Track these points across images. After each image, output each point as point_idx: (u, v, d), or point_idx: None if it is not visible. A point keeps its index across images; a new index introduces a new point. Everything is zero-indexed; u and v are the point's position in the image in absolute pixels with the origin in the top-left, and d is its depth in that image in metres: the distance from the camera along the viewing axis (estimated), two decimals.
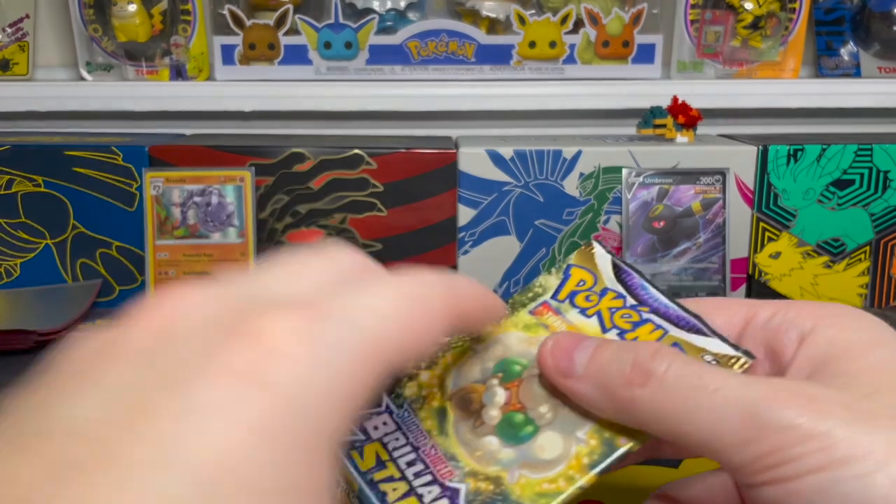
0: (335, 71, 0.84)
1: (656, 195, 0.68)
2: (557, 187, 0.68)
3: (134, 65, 0.84)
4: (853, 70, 0.86)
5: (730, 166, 0.68)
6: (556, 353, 0.26)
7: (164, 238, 0.67)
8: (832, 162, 0.68)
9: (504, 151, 0.67)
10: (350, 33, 0.83)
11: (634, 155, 0.68)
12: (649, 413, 0.24)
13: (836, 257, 0.70)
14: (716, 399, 0.23)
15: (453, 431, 0.27)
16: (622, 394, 0.24)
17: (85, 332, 0.21)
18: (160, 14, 0.82)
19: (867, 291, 0.70)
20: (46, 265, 0.69)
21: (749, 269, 0.70)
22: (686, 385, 0.24)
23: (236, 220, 0.67)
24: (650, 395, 0.24)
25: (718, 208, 0.68)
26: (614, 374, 0.25)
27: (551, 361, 0.26)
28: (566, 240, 0.69)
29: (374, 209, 0.68)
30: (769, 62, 0.85)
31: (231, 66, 0.83)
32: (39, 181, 0.68)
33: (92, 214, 0.68)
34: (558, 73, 0.84)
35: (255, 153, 0.68)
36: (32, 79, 0.86)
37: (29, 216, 0.68)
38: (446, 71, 0.84)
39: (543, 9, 0.84)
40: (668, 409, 0.24)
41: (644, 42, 0.84)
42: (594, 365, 0.25)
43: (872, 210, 0.69)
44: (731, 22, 0.84)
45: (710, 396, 0.23)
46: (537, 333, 0.29)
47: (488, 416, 0.27)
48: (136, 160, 0.67)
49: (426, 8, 0.85)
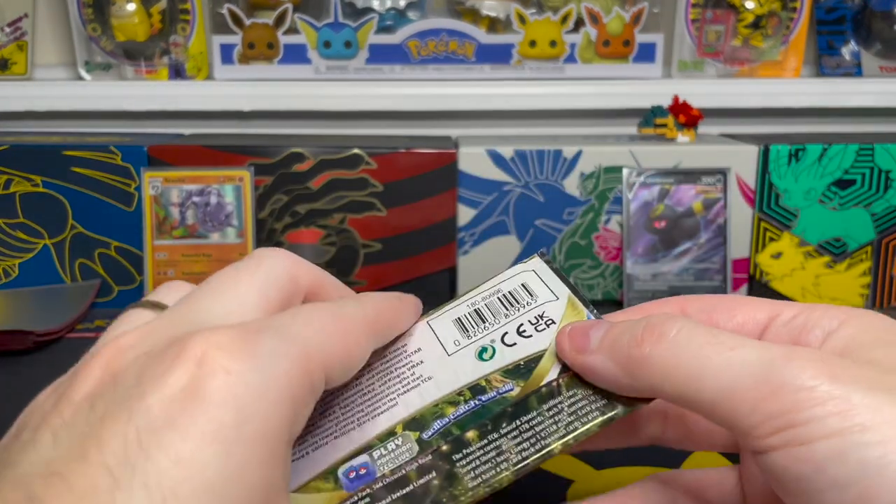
0: (335, 70, 0.83)
1: (657, 195, 0.68)
2: (558, 187, 0.68)
3: (133, 64, 0.84)
4: (854, 69, 0.86)
5: (731, 166, 0.68)
6: (573, 334, 0.28)
7: (162, 238, 0.66)
8: (833, 162, 0.68)
9: (504, 151, 0.67)
10: (350, 32, 0.82)
11: (635, 155, 0.68)
12: (659, 371, 0.24)
13: (838, 257, 0.69)
14: (732, 357, 0.23)
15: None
16: (634, 354, 0.25)
17: (44, 390, 0.23)
18: (159, 13, 0.82)
19: (868, 291, 0.70)
20: (45, 265, 0.69)
21: (750, 270, 0.70)
22: (699, 342, 0.23)
23: (235, 220, 0.67)
24: (661, 352, 0.24)
25: (719, 208, 0.68)
26: (626, 340, 0.25)
27: (568, 343, 0.28)
28: (566, 240, 0.69)
29: (373, 209, 0.68)
30: (770, 61, 0.85)
31: (230, 65, 0.83)
32: (38, 181, 0.67)
33: (91, 214, 0.68)
34: (559, 73, 0.84)
35: (255, 153, 0.67)
36: (31, 78, 0.86)
37: (27, 216, 0.68)
38: (446, 70, 0.84)
39: (544, 8, 0.84)
40: (681, 364, 0.23)
41: (645, 41, 0.83)
42: (608, 337, 0.26)
43: (874, 210, 0.68)
44: (732, 21, 0.84)
45: (725, 354, 0.23)
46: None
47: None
48: (135, 160, 0.67)
49: (426, 7, 0.85)
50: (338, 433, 0.29)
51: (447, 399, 0.29)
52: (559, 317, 0.30)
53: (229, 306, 0.24)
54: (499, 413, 0.28)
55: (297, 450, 0.28)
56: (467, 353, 0.30)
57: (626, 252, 0.67)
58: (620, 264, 0.68)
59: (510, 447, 0.27)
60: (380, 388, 0.30)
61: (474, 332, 0.31)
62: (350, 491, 0.27)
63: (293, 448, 0.26)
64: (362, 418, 0.29)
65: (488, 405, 0.28)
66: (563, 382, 0.28)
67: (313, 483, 0.28)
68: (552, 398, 0.28)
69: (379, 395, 0.30)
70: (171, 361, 0.21)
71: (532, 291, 0.32)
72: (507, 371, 0.29)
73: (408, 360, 0.31)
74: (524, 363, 0.29)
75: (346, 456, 0.28)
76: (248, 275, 0.25)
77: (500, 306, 0.32)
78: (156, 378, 0.20)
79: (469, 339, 0.31)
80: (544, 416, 0.28)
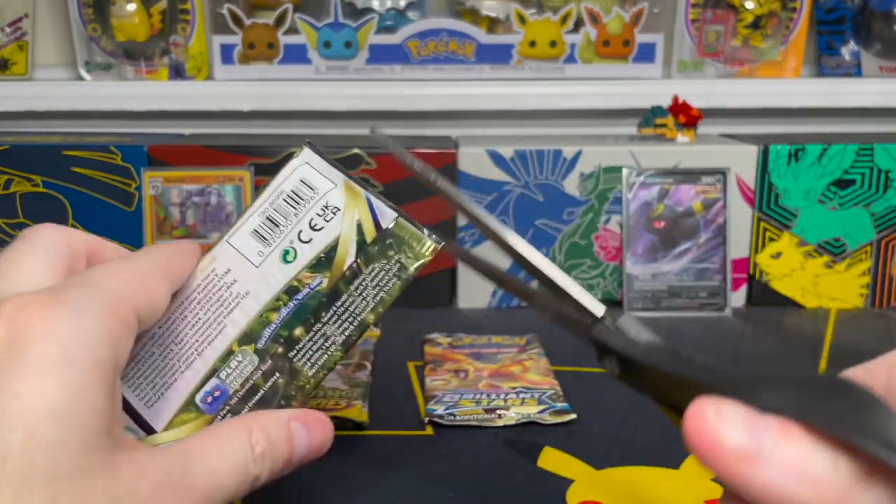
0: (335, 70, 0.83)
1: (657, 195, 0.68)
2: (558, 187, 0.68)
3: (133, 64, 0.84)
4: (854, 69, 0.86)
5: (731, 166, 0.68)
6: (710, 429, 0.18)
7: (162, 238, 0.66)
8: (833, 161, 0.68)
9: (504, 151, 0.67)
10: (350, 32, 0.82)
11: (635, 155, 0.68)
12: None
13: (838, 257, 0.69)
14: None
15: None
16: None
17: None
18: (159, 13, 0.82)
19: (868, 291, 0.70)
20: None
21: (750, 270, 0.70)
22: None
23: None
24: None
25: (719, 208, 0.68)
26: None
27: (714, 446, 0.18)
28: (566, 240, 0.69)
29: None
30: (770, 61, 0.85)
31: (230, 65, 0.83)
32: (38, 181, 0.68)
33: (91, 214, 0.68)
34: (559, 73, 0.84)
35: (255, 153, 0.67)
36: (31, 78, 0.86)
37: (28, 216, 0.68)
38: (446, 70, 0.84)
39: (544, 8, 0.84)
40: None
41: (645, 41, 0.83)
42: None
43: (873, 210, 0.69)
44: (731, 21, 0.84)
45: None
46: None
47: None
48: (135, 160, 0.67)
49: (426, 7, 0.85)
50: (183, 368, 0.31)
51: (268, 307, 0.32)
52: (342, 203, 0.33)
53: (19, 284, 0.26)
54: (316, 306, 0.32)
55: (151, 394, 0.31)
56: (272, 260, 0.33)
57: (626, 252, 0.67)
58: (620, 264, 0.68)
59: (333, 331, 0.32)
60: (205, 316, 0.32)
61: (273, 239, 0.33)
62: (212, 413, 0.31)
63: (146, 392, 0.31)
64: (200, 347, 0.32)
65: (305, 302, 0.32)
66: (360, 262, 0.32)
67: (177, 418, 0.31)
68: (356, 278, 0.32)
69: (207, 322, 0.32)
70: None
71: (311, 185, 0.34)
72: (312, 266, 0.32)
73: (222, 283, 0.33)
74: (325, 255, 0.32)
75: (197, 385, 0.31)
76: (28, 252, 0.28)
77: (288, 207, 0.34)
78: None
79: (270, 247, 0.33)
80: (354, 296, 0.32)
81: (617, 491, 0.39)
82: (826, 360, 0.58)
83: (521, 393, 0.49)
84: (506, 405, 0.47)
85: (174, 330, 0.32)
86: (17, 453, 0.21)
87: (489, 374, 0.52)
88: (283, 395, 0.31)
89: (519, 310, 0.69)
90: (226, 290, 0.32)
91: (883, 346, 0.59)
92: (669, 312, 0.66)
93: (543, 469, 0.42)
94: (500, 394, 0.49)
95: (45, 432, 0.22)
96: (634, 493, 0.40)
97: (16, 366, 0.22)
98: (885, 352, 0.22)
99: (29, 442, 0.21)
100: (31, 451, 0.21)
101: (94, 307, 0.25)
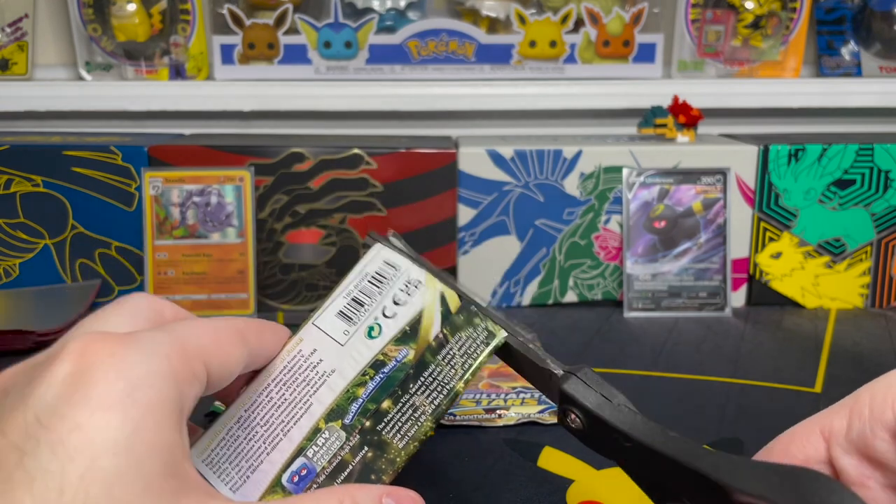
0: (335, 70, 0.83)
1: (657, 195, 0.68)
2: (558, 187, 0.68)
3: (133, 64, 0.84)
4: (854, 69, 0.86)
5: (731, 166, 0.68)
6: None
7: (163, 238, 0.66)
8: (833, 161, 0.68)
9: (504, 151, 0.67)
10: (350, 33, 0.82)
11: (635, 155, 0.68)
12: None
13: (838, 257, 0.69)
14: None
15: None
16: None
17: None
18: (159, 13, 0.82)
19: (868, 291, 0.70)
20: (45, 265, 0.69)
21: (750, 270, 0.70)
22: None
23: (235, 219, 0.67)
24: None
25: (719, 208, 0.68)
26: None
27: None
28: (566, 240, 0.69)
29: (373, 209, 0.68)
30: (770, 61, 0.85)
31: (230, 65, 0.83)
32: (38, 181, 0.68)
33: (91, 214, 0.68)
34: (559, 73, 0.84)
35: (255, 153, 0.67)
36: (31, 78, 0.86)
37: (28, 216, 0.68)
38: (446, 70, 0.84)
39: (544, 8, 0.84)
40: None
41: (645, 41, 0.83)
42: None
43: (874, 210, 0.69)
44: (731, 21, 0.84)
45: None
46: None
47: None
48: (136, 160, 0.67)
49: (426, 7, 0.85)
50: (269, 449, 0.31)
51: (355, 382, 0.31)
52: (423, 277, 0.33)
53: (114, 322, 0.27)
54: (403, 378, 0.31)
55: (237, 478, 0.31)
56: (358, 338, 0.33)
57: (626, 252, 0.68)
58: (620, 264, 0.68)
59: (422, 402, 0.31)
60: (291, 396, 0.32)
61: (358, 318, 0.33)
62: (298, 493, 0.30)
63: (231, 476, 0.30)
64: (286, 427, 0.31)
65: (392, 375, 0.31)
66: (447, 332, 0.32)
67: (263, 501, 0.30)
68: (443, 348, 0.32)
69: (293, 402, 0.32)
70: (53, 359, 0.24)
71: (394, 264, 0.34)
72: (397, 340, 0.32)
73: (308, 363, 0.32)
74: (409, 327, 0.32)
75: (283, 465, 0.30)
76: (114, 311, 0.28)
77: (372, 287, 0.34)
78: (42, 375, 0.23)
79: (355, 326, 0.33)
80: (441, 366, 0.31)
81: (617, 491, 0.39)
82: (826, 360, 0.58)
83: (521, 393, 0.49)
84: (506, 405, 0.47)
85: (260, 412, 0.32)
86: (74, 485, 0.21)
87: (489, 374, 0.52)
88: (374, 470, 0.30)
89: (519, 310, 0.69)
90: (311, 369, 0.32)
91: (883, 346, 0.59)
92: (669, 312, 0.67)
93: (543, 469, 0.42)
94: (500, 394, 0.49)
95: (104, 465, 0.22)
96: (634, 493, 0.40)
97: (81, 399, 0.23)
98: (885, 352, 0.23)
99: (88, 474, 0.21)
100: (89, 484, 0.21)
101: (163, 349, 0.25)
